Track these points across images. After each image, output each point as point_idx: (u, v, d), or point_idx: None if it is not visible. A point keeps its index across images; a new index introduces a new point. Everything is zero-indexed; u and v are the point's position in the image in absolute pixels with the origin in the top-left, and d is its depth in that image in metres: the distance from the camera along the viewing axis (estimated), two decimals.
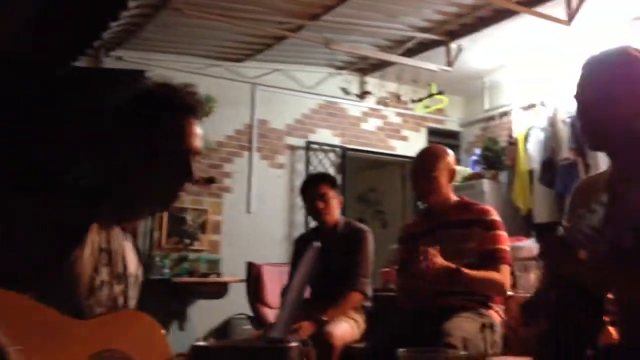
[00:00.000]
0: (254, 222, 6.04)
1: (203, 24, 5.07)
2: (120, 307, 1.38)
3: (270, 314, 4.32)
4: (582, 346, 1.54)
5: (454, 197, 2.77)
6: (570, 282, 1.54)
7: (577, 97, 1.63)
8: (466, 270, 2.42)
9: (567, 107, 5.77)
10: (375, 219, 7.76)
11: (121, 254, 1.40)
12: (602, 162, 4.49)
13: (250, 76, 6.16)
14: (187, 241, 5.69)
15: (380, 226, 7.55)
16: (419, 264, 2.37)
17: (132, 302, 1.43)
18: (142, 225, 5.39)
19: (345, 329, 3.15)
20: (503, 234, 2.62)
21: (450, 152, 2.81)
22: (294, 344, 1.05)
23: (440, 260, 2.39)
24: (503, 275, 2.55)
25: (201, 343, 1.15)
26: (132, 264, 1.45)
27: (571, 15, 4.74)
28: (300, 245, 3.58)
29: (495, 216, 2.65)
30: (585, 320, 1.54)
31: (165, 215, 5.54)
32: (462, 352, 2.16)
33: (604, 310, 1.60)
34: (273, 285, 4.56)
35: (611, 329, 2.68)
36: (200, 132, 1.43)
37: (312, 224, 4.12)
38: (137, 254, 1.50)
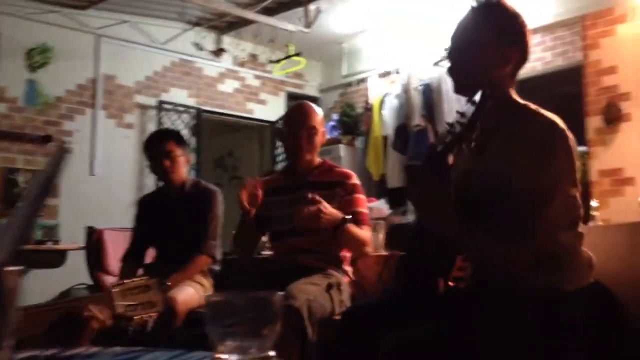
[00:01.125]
0: (99, 185, 5.62)
1: None
2: None
3: (113, 282, 4.02)
4: (434, 278, 1.57)
5: (317, 159, 2.74)
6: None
7: (450, 39, 1.67)
8: (349, 224, 2.41)
9: (420, 75, 5.93)
10: (232, 184, 7.63)
11: None
12: None
13: (95, 26, 5.66)
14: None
15: (238, 191, 7.39)
16: (306, 208, 2.31)
17: None
18: None
19: (190, 294, 2.96)
20: (363, 197, 2.66)
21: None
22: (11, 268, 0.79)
23: (330, 208, 2.37)
24: (369, 234, 2.59)
25: None
26: None
27: None
28: (143, 208, 3.33)
29: (356, 180, 2.68)
30: (440, 252, 1.59)
31: None
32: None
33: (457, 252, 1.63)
34: (116, 251, 4.23)
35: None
36: None
37: None
38: None
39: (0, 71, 5.19)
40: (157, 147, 3.19)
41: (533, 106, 1.57)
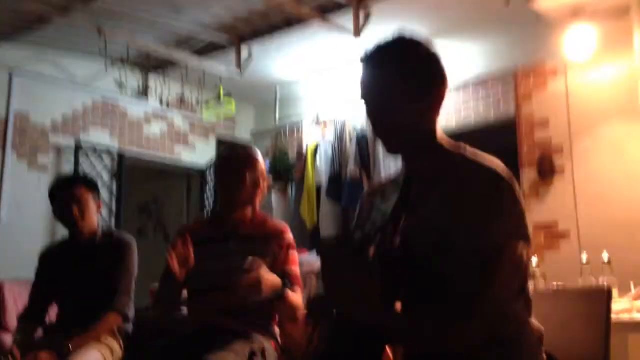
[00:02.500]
0: (5, 232, 5.13)
1: None
2: None
3: (9, 341, 3.59)
4: None
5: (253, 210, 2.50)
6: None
7: (362, 98, 1.41)
8: (290, 293, 2.21)
9: (354, 123, 5.84)
10: (157, 231, 7.30)
11: None
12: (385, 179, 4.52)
13: (8, 60, 5.26)
14: None
15: (162, 239, 7.09)
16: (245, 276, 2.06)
17: None
18: None
19: (95, 359, 2.62)
20: (296, 254, 2.47)
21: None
22: None
23: (270, 274, 2.14)
24: (300, 297, 2.34)
25: None
26: None
27: (359, 27, 4.75)
28: (45, 261, 2.99)
29: (290, 235, 2.48)
30: (365, 344, 1.29)
31: None
32: None
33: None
34: (18, 306, 3.83)
35: (388, 350, 2.52)
36: None
37: None
38: None
39: None
40: (65, 192, 2.91)
41: (471, 153, 1.34)
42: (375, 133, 1.43)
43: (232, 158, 2.48)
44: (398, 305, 1.29)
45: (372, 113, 1.38)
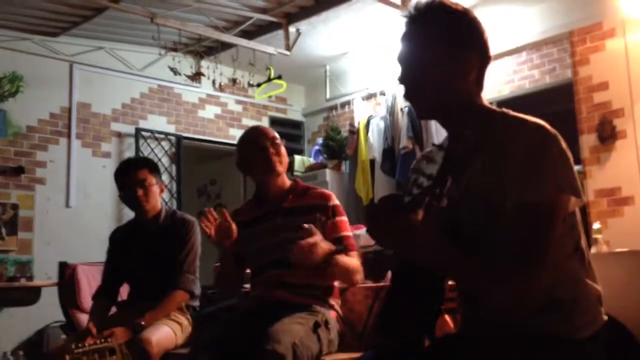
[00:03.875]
0: (75, 217, 5.39)
1: None
2: None
3: (86, 320, 3.77)
4: (418, 334, 1.33)
5: (287, 180, 2.53)
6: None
7: (397, 60, 1.40)
8: (338, 255, 2.20)
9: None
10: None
11: None
12: None
13: (68, 53, 5.46)
14: None
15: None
16: (301, 242, 2.07)
17: None
18: None
19: (166, 333, 2.76)
20: (345, 219, 2.44)
21: None
22: None
23: (324, 242, 2.15)
24: (357, 261, 2.35)
25: None
26: None
27: (406, 0, 4.70)
28: (115, 242, 3.13)
29: (336, 200, 2.46)
30: (422, 305, 1.33)
31: None
32: None
33: (443, 295, 1.38)
34: (91, 287, 4.00)
35: (447, 318, 2.54)
36: None
37: None
38: None
39: None
40: (130, 175, 3.02)
41: (513, 113, 1.32)
42: (405, 96, 1.42)
43: (243, 137, 2.53)
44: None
45: (403, 75, 1.38)
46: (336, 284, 2.46)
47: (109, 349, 2.39)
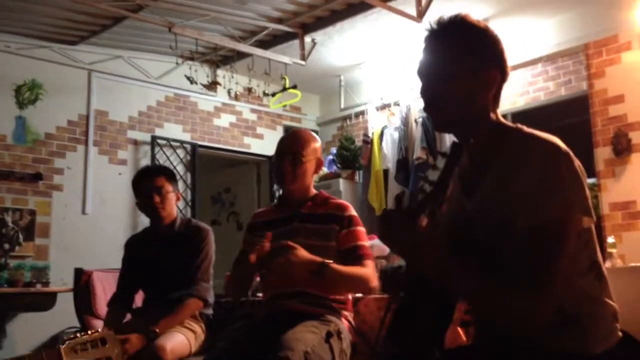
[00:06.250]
0: (91, 224, 5.44)
1: None
2: None
3: (101, 326, 3.81)
4: (428, 346, 1.35)
5: (313, 190, 2.58)
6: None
7: (417, 74, 1.42)
8: (334, 265, 2.23)
9: (419, 107, 5.81)
10: (230, 221, 7.48)
11: None
12: None
13: (86, 61, 5.55)
14: (7, 246, 4.95)
15: (235, 228, 7.27)
16: (278, 258, 2.15)
17: None
18: None
19: (180, 341, 2.78)
20: (362, 229, 2.48)
21: (318, 139, 2.61)
22: None
23: (303, 253, 2.19)
24: (370, 269, 2.38)
25: None
26: None
27: (421, 12, 4.72)
28: (130, 249, 3.15)
29: (353, 211, 2.51)
30: (433, 316, 1.36)
31: None
32: None
33: (454, 306, 1.40)
34: (106, 294, 4.03)
35: (460, 331, 2.54)
36: None
37: None
38: None
39: None
40: (147, 182, 3.06)
41: (527, 129, 1.32)
42: (424, 109, 1.44)
43: (286, 138, 2.59)
44: None
45: (423, 88, 1.40)
46: (349, 295, 2.48)
47: (101, 339, 2.39)
